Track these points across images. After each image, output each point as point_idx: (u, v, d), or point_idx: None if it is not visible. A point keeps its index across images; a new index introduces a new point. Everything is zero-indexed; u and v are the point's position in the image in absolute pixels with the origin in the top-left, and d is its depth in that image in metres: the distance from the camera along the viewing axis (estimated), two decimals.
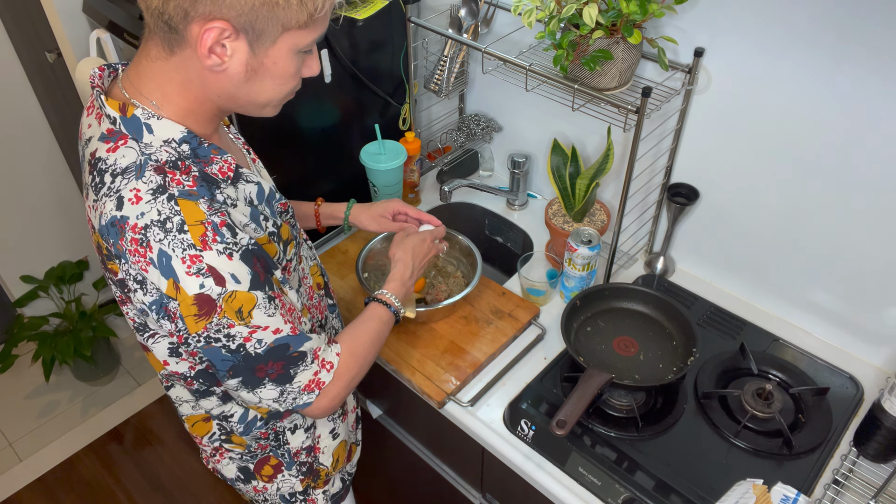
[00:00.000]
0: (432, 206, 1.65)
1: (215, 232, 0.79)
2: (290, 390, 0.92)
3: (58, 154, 2.40)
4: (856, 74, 1.05)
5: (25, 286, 2.48)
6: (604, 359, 1.21)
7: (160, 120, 0.81)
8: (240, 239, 0.81)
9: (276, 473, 1.16)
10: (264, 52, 0.78)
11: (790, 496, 1.00)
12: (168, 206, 0.77)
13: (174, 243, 0.77)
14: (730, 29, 1.15)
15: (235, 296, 0.81)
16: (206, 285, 0.78)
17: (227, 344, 0.84)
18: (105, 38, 1.51)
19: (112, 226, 0.78)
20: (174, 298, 0.79)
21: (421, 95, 1.69)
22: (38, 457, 2.30)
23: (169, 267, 0.77)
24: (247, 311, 0.82)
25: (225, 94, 0.82)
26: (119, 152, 0.80)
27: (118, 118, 0.81)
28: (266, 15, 0.74)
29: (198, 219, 0.78)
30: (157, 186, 0.78)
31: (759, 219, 1.29)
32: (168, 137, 0.82)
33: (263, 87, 0.82)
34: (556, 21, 1.13)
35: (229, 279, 0.80)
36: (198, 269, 0.78)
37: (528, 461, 1.13)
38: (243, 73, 0.79)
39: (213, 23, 0.73)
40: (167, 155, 0.81)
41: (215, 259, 0.78)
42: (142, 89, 0.82)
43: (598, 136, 1.46)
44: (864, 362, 1.27)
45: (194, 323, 0.80)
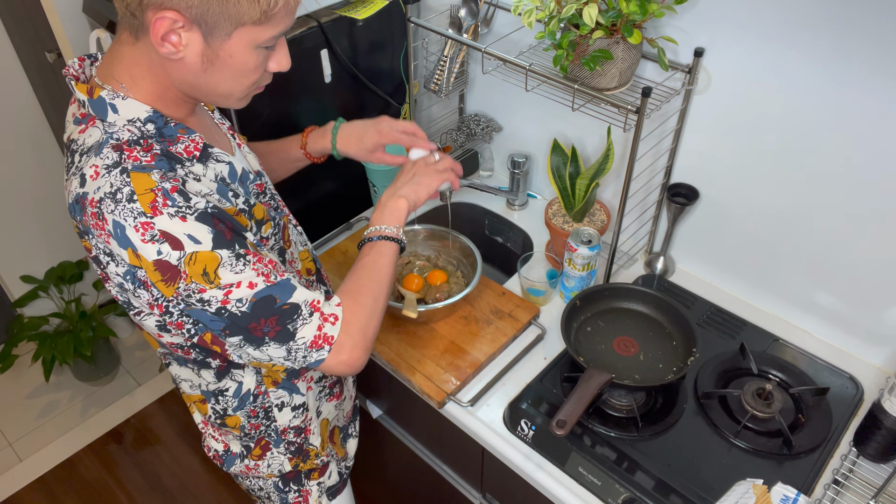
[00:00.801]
0: (432, 206, 1.65)
1: (165, 197, 0.79)
2: (297, 347, 0.90)
3: (58, 154, 2.40)
4: (856, 74, 1.05)
5: (25, 286, 2.48)
6: (604, 359, 1.21)
7: (125, 100, 0.83)
8: (194, 203, 0.81)
9: (263, 453, 1.16)
10: (219, 45, 0.79)
11: (790, 496, 1.00)
12: (119, 179, 0.78)
13: (124, 213, 0.77)
14: (730, 29, 1.15)
15: (196, 257, 0.80)
16: (163, 251, 0.79)
17: (205, 308, 0.83)
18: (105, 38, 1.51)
19: (77, 203, 0.81)
20: (139, 266, 0.80)
21: (421, 95, 1.69)
22: (38, 457, 2.30)
23: (125, 237, 0.78)
24: (212, 271, 0.81)
25: (185, 83, 0.83)
26: (87, 133, 0.83)
27: (86, 101, 0.83)
28: (217, 9, 0.75)
29: (147, 187, 0.79)
30: (112, 162, 0.79)
31: (760, 219, 1.29)
32: (133, 117, 0.83)
33: (222, 79, 0.83)
34: (556, 21, 1.13)
35: (186, 241, 0.80)
36: (151, 236, 0.78)
37: (528, 461, 1.13)
38: (199, 64, 0.80)
39: (164, 12, 0.74)
40: (129, 134, 0.82)
41: (167, 223, 0.79)
42: (113, 73, 0.84)
43: (598, 136, 1.46)
44: (864, 362, 1.27)
45: (165, 287, 0.81)
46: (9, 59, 2.15)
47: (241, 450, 1.16)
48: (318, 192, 1.55)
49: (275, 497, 1.24)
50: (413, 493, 1.69)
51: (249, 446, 1.15)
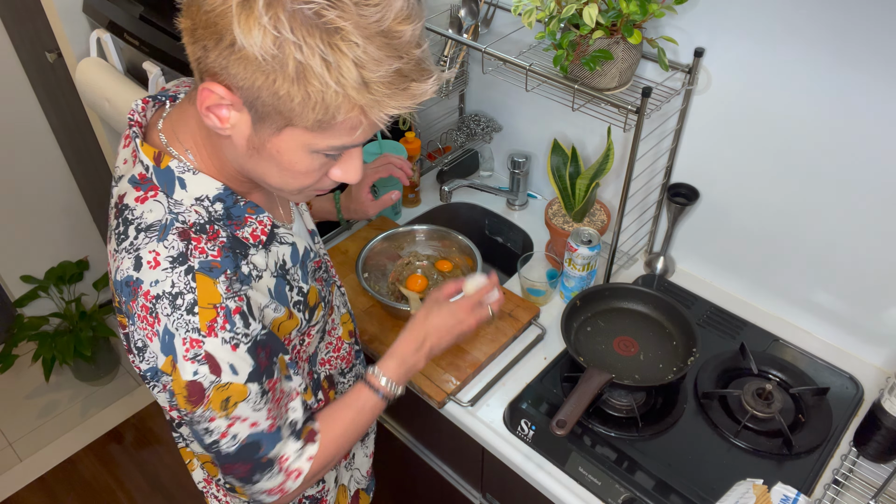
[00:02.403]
0: (432, 206, 1.65)
1: (226, 319, 0.73)
2: (253, 490, 0.87)
3: (58, 154, 2.40)
4: (856, 74, 1.05)
5: (25, 286, 2.48)
6: (604, 359, 1.21)
7: (196, 175, 0.76)
8: (252, 330, 0.76)
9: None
10: (267, 137, 0.69)
11: (790, 496, 1.00)
12: (184, 280, 0.72)
13: (179, 322, 0.72)
14: (730, 29, 1.15)
15: (228, 387, 0.76)
16: (200, 373, 0.74)
17: (202, 437, 0.80)
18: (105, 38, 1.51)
19: (126, 285, 0.74)
20: (169, 375, 0.75)
21: None
22: (38, 457, 2.30)
23: (170, 346, 0.73)
24: (232, 403, 0.77)
25: (235, 162, 0.75)
26: (147, 205, 0.75)
27: (151, 167, 0.75)
28: (268, 100, 0.65)
29: (211, 301, 0.72)
30: (177, 254, 0.72)
31: (760, 219, 1.29)
32: (201, 194, 0.76)
33: (269, 171, 0.74)
34: (556, 21, 1.13)
35: (226, 370, 0.75)
36: (195, 355, 0.73)
37: (528, 461, 1.13)
38: (245, 148, 0.71)
39: (214, 86, 0.66)
40: (196, 216, 0.75)
41: (217, 347, 0.73)
42: (179, 134, 0.77)
43: (598, 136, 1.46)
44: (864, 362, 1.27)
45: (184, 402, 0.76)
46: (9, 59, 2.15)
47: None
48: None
49: None
50: (413, 493, 1.69)
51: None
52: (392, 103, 0.66)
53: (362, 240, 1.51)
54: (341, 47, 0.61)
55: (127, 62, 1.55)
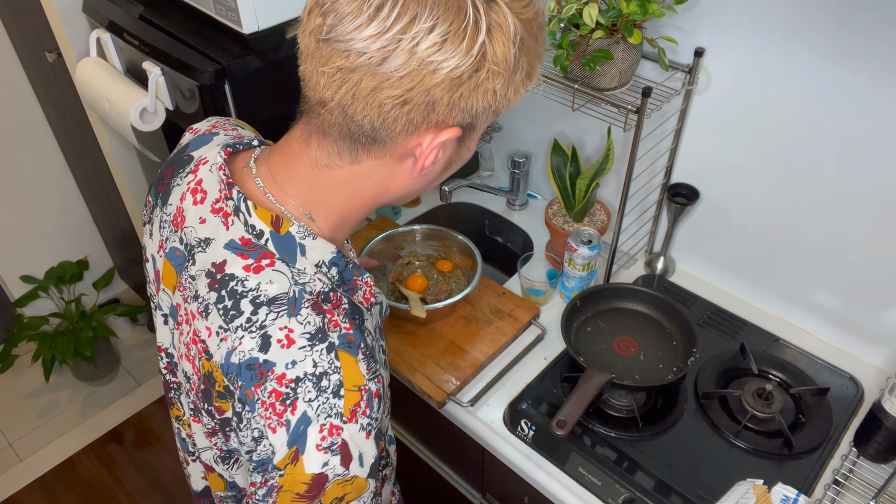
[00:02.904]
0: (432, 206, 1.65)
1: (367, 404, 0.65)
2: None
3: (58, 154, 2.40)
4: (856, 74, 1.04)
5: (25, 286, 2.48)
6: (604, 359, 1.21)
7: (315, 240, 0.69)
8: (381, 415, 0.68)
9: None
10: (467, 145, 0.69)
11: (790, 496, 1.00)
12: (327, 359, 0.64)
13: (323, 408, 0.63)
14: (730, 29, 1.15)
15: (353, 482, 0.66)
16: (331, 464, 0.64)
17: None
18: (105, 38, 1.51)
19: (249, 369, 0.64)
20: (281, 471, 0.64)
21: None
22: (38, 457, 2.30)
23: (302, 435, 0.63)
24: (346, 502, 0.67)
25: (403, 192, 0.71)
26: (264, 275, 0.66)
27: (268, 233, 0.67)
28: (490, 112, 0.65)
29: (356, 383, 0.65)
30: (315, 330, 0.65)
31: (760, 219, 1.29)
32: (319, 261, 0.69)
33: (439, 178, 0.73)
34: (556, 21, 1.13)
35: (356, 460, 0.65)
36: (330, 444, 0.63)
37: (528, 461, 1.13)
38: (441, 170, 0.70)
39: (446, 132, 0.63)
40: (321, 285, 0.68)
41: (355, 435, 0.65)
42: (292, 193, 0.69)
43: (598, 136, 1.46)
44: (864, 362, 1.27)
45: (288, 500, 0.65)
46: (9, 59, 2.15)
47: None
48: None
49: None
50: (413, 493, 1.69)
51: None
52: None
53: (362, 240, 1.51)
54: (539, 37, 0.64)
55: (127, 62, 1.55)
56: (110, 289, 2.68)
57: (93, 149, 2.07)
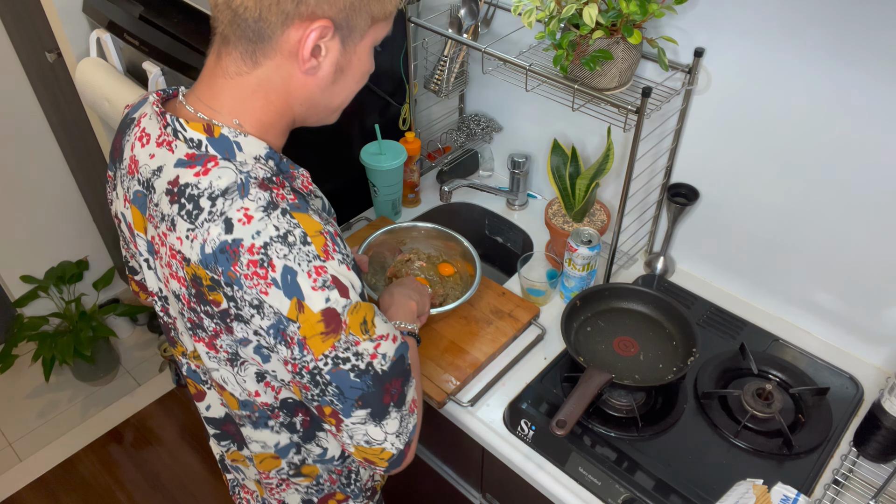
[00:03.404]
0: (432, 206, 1.65)
1: (333, 242, 0.75)
2: (404, 413, 0.85)
3: (58, 154, 2.40)
4: (856, 74, 1.05)
5: (25, 286, 2.48)
6: (604, 359, 1.21)
7: (246, 137, 0.77)
8: (347, 249, 0.78)
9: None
10: (353, 49, 0.77)
11: (790, 496, 1.00)
12: (285, 220, 0.72)
13: (299, 257, 0.72)
14: (730, 29, 1.15)
15: (358, 306, 0.76)
16: (332, 298, 0.74)
17: (356, 364, 0.77)
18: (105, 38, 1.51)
19: (222, 252, 0.72)
20: (294, 321, 0.73)
21: (421, 95, 1.69)
22: (38, 457, 2.30)
23: (294, 284, 0.72)
24: (370, 321, 0.78)
25: (308, 101, 0.80)
26: (213, 174, 0.75)
27: (204, 140, 0.76)
28: (361, 7, 0.73)
29: (316, 229, 0.74)
30: (266, 203, 0.73)
31: (760, 219, 1.29)
32: (256, 154, 0.77)
33: (345, 87, 0.81)
34: (556, 21, 1.13)
35: (351, 289, 0.76)
36: (323, 282, 0.73)
37: (528, 461, 1.13)
38: (331, 75, 0.77)
39: (318, 22, 0.71)
40: (263, 172, 0.76)
41: (337, 268, 0.75)
42: (219, 108, 0.78)
43: (598, 136, 1.46)
44: (864, 362, 1.27)
45: (321, 342, 0.75)
46: (9, 59, 2.15)
47: (300, 502, 1.07)
48: None
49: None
50: (413, 493, 1.69)
51: (313, 501, 1.07)
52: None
53: (362, 240, 1.51)
54: None
55: (127, 62, 1.55)
56: (110, 289, 2.68)
57: (93, 149, 2.07)
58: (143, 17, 1.37)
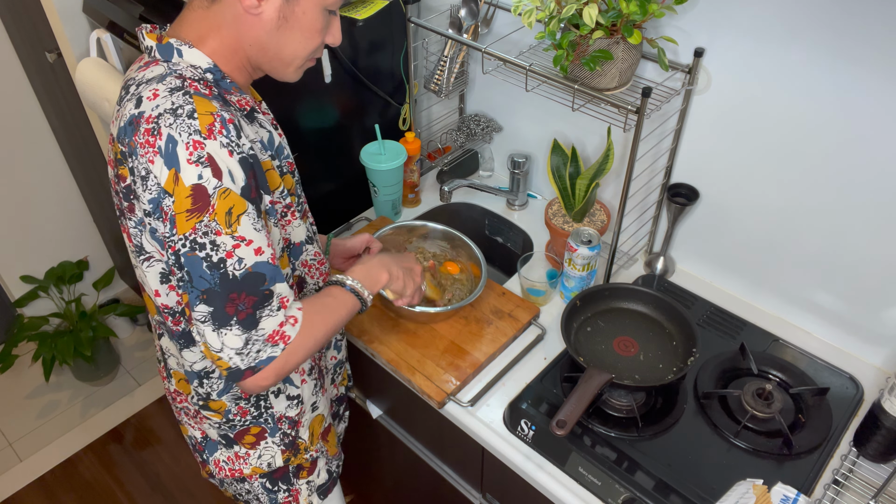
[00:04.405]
0: (432, 206, 1.65)
1: (222, 125, 0.81)
2: (255, 339, 0.86)
3: (58, 154, 2.40)
4: (856, 74, 1.05)
5: (25, 286, 2.48)
6: (604, 359, 1.21)
7: (191, 49, 0.86)
8: (242, 143, 0.83)
9: (258, 441, 1.10)
10: (296, 1, 0.85)
11: (790, 496, 1.00)
12: (182, 98, 0.80)
13: (181, 127, 0.78)
14: (730, 29, 1.15)
15: (229, 194, 0.81)
16: (204, 176, 0.79)
17: (209, 254, 0.81)
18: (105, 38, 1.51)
19: (129, 124, 0.82)
20: (170, 194, 0.79)
21: (421, 95, 1.69)
22: (38, 457, 2.30)
23: (173, 154, 0.78)
24: (235, 216, 0.81)
25: (256, 43, 0.87)
26: (149, 70, 0.86)
27: (153, 46, 0.87)
28: None
29: (208, 109, 0.80)
30: (175, 86, 0.82)
31: (760, 219, 1.29)
32: (195, 63, 0.87)
33: (292, 38, 0.88)
34: (556, 21, 1.13)
35: (226, 174, 0.80)
36: (198, 158, 0.79)
37: (528, 461, 1.13)
38: (276, 20, 0.85)
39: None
40: (191, 73, 0.85)
41: (217, 150, 0.80)
42: (180, 34, 0.88)
43: (598, 136, 1.46)
44: (864, 362, 1.27)
45: (185, 221, 0.80)
46: (9, 59, 2.15)
47: (219, 438, 1.11)
48: (318, 192, 1.55)
49: (263, 498, 1.20)
50: (413, 493, 1.69)
51: (229, 436, 1.10)
52: None
53: None
54: None
55: (127, 62, 1.55)
56: (110, 289, 2.68)
57: (93, 149, 2.07)
58: (143, 17, 1.37)
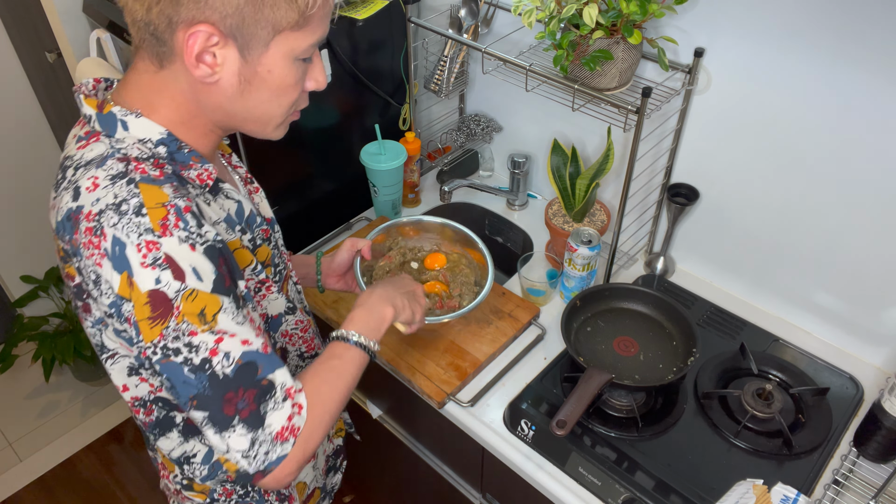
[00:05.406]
0: (432, 206, 1.65)
1: (178, 217, 0.70)
2: (263, 439, 0.75)
3: (58, 154, 2.40)
4: (856, 74, 1.05)
5: (25, 286, 2.47)
6: (604, 359, 1.21)
7: (139, 118, 0.75)
8: (205, 231, 0.72)
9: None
10: (256, 60, 0.72)
11: (790, 496, 1.00)
12: (126, 189, 0.69)
13: (129, 227, 0.67)
14: (730, 29, 1.15)
15: (197, 294, 0.70)
16: (163, 280, 0.68)
17: (189, 357, 0.71)
18: (105, 38, 1.51)
19: (68, 220, 0.71)
20: (128, 299, 0.69)
21: (421, 95, 1.69)
22: (38, 457, 2.30)
23: (122, 258, 0.68)
24: (211, 315, 0.71)
25: (220, 110, 0.76)
26: (88, 148, 0.74)
27: (93, 115, 0.75)
28: (253, 16, 0.69)
29: (159, 201, 0.69)
30: (117, 173, 0.70)
31: (760, 219, 1.29)
32: (144, 137, 0.75)
33: (260, 100, 0.76)
34: (556, 21, 1.13)
35: (190, 273, 0.70)
36: (154, 259, 0.68)
37: (528, 461, 1.13)
38: (237, 85, 0.74)
39: (197, 27, 0.68)
40: (139, 152, 0.74)
41: (175, 247, 0.69)
42: (127, 99, 0.76)
43: (598, 136, 1.46)
44: (864, 362, 1.27)
45: (149, 329, 0.69)
46: (9, 59, 2.15)
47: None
48: (318, 192, 1.55)
49: None
50: (413, 493, 1.69)
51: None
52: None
53: None
54: None
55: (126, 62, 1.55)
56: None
57: None
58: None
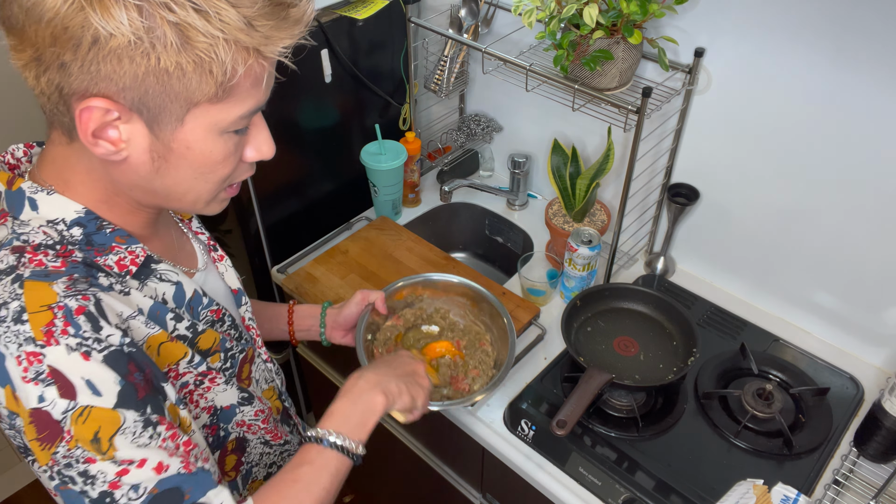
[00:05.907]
0: (432, 206, 1.65)
1: (67, 321, 0.59)
2: None
3: None
4: (856, 74, 1.05)
5: None
6: (604, 359, 1.21)
7: (50, 195, 0.66)
8: (106, 334, 0.61)
9: None
10: (170, 136, 0.62)
11: (790, 496, 1.00)
12: (9, 290, 0.59)
13: (7, 336, 0.58)
14: (730, 29, 1.15)
15: (90, 413, 0.59)
16: (47, 397, 0.58)
17: (86, 490, 0.60)
18: None
19: None
20: (17, 414, 0.59)
21: (421, 95, 1.69)
22: None
23: (3, 371, 0.58)
24: (107, 438, 0.60)
25: (137, 188, 0.67)
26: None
27: (3, 191, 0.66)
28: (158, 88, 0.58)
29: (44, 303, 0.59)
30: (5, 268, 0.61)
31: (760, 219, 1.29)
32: (56, 217, 0.66)
33: (180, 178, 0.66)
34: (556, 21, 1.13)
35: (82, 388, 0.59)
36: (36, 374, 0.58)
37: (529, 461, 1.13)
38: (149, 163, 0.63)
39: (90, 101, 0.58)
40: (43, 238, 0.64)
41: (62, 358, 0.58)
42: (42, 174, 0.68)
43: (598, 136, 1.46)
44: (864, 362, 1.27)
45: (40, 451, 0.59)
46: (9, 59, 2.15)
47: None
48: (318, 192, 1.55)
49: None
50: (413, 493, 1.69)
51: None
52: (281, 35, 0.60)
53: (362, 240, 1.51)
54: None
55: None
56: None
57: None
58: None
